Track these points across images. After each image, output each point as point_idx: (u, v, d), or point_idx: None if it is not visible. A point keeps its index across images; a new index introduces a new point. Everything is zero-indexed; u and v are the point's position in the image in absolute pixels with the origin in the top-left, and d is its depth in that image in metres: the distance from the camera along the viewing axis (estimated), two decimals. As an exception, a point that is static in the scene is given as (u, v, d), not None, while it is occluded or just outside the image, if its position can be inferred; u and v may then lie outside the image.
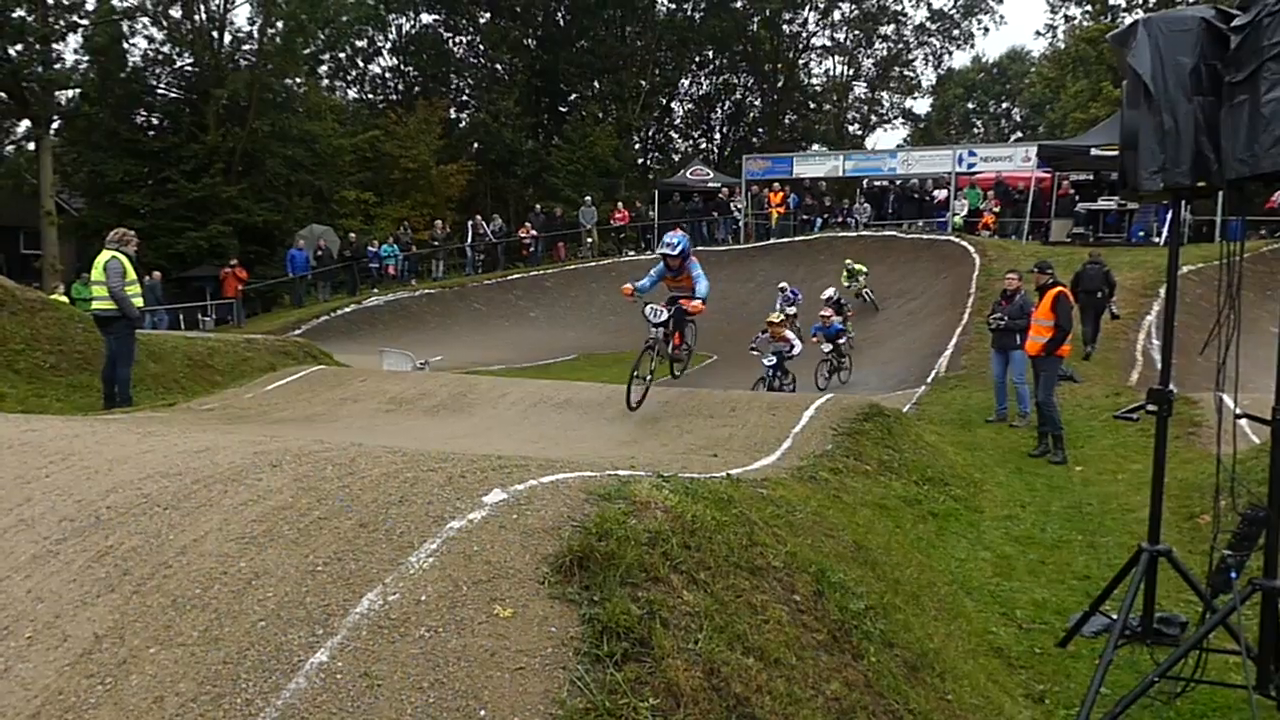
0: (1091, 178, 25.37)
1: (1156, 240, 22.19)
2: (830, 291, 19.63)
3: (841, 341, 16.55)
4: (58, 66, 29.65)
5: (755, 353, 13.80)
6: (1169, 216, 18.80)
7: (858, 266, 22.48)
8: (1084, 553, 6.67)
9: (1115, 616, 4.26)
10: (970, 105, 59.60)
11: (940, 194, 27.68)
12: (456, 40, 46.57)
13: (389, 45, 45.62)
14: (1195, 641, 3.93)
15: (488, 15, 45.20)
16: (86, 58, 31.82)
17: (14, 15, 27.61)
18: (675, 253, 8.54)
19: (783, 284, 21.46)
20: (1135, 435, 9.93)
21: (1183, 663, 3.93)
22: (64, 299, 15.41)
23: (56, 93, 29.79)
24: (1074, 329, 10.82)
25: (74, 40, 31.16)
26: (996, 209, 26.39)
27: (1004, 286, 11.45)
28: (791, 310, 20.26)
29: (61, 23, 29.22)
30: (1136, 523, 7.12)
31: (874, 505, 6.51)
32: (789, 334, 13.77)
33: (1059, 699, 4.41)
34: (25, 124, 30.00)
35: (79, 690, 2.36)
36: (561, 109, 46.66)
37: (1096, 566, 6.28)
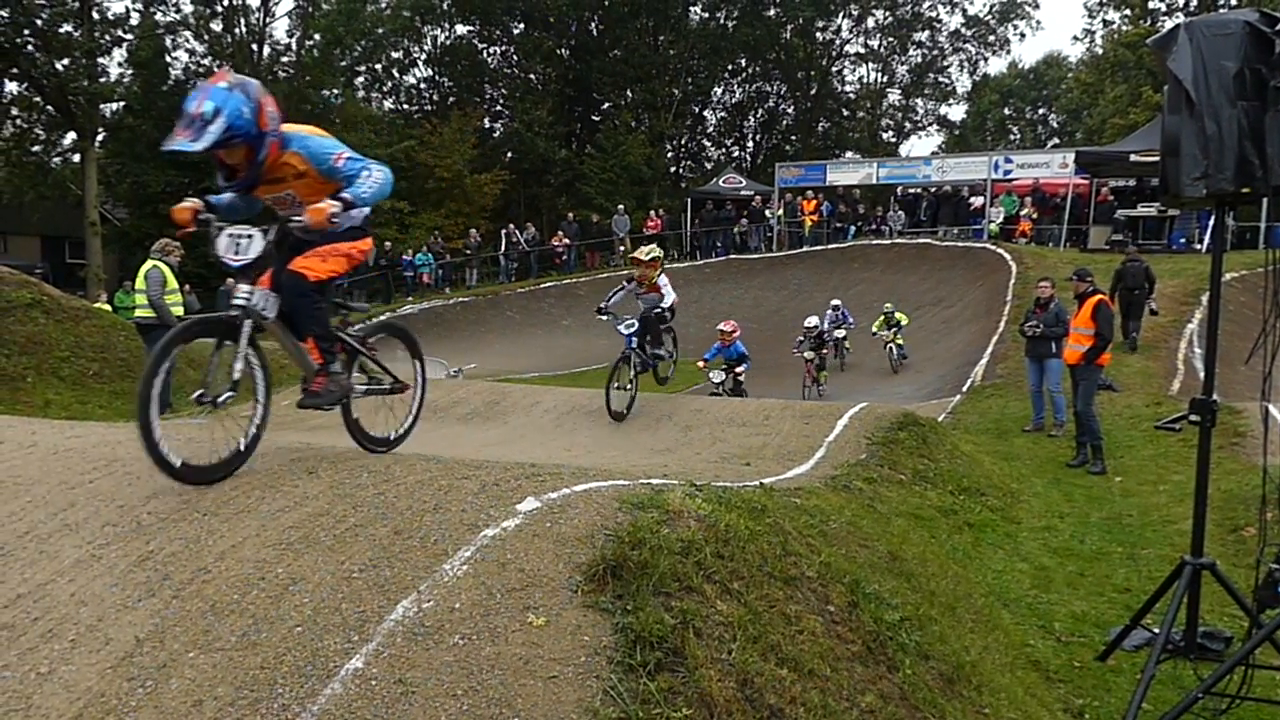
0: (1134, 184, 24.97)
1: (1198, 247, 21.79)
2: (813, 320, 17.53)
3: (741, 370, 12.85)
4: (103, 80, 30.37)
5: (606, 317, 9.08)
6: (1211, 223, 18.48)
7: (900, 316, 19.33)
8: (1124, 565, 6.56)
9: (1157, 630, 4.19)
10: (1006, 111, 58.99)
11: (976, 201, 27.41)
12: (490, 51, 47.04)
13: (424, 57, 46.16)
14: (1241, 657, 3.85)
15: (521, 26, 45.57)
16: (130, 71, 32.54)
17: (61, 30, 28.31)
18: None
19: (836, 301, 20.01)
20: (1177, 446, 9.75)
21: (1228, 679, 3.85)
22: (107, 307, 15.70)
23: (101, 105, 30.46)
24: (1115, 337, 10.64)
25: (118, 54, 31.91)
26: (1035, 216, 26.08)
27: (1037, 294, 11.33)
28: (840, 333, 19.42)
29: (107, 37, 29.95)
30: (1178, 535, 7.00)
31: (909, 515, 6.45)
32: (662, 282, 9.25)
33: (1099, 714, 4.33)
34: (71, 136, 30.68)
35: (120, 693, 2.40)
36: (594, 118, 46.89)
37: (1137, 579, 6.17)
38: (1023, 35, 70.09)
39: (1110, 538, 7.28)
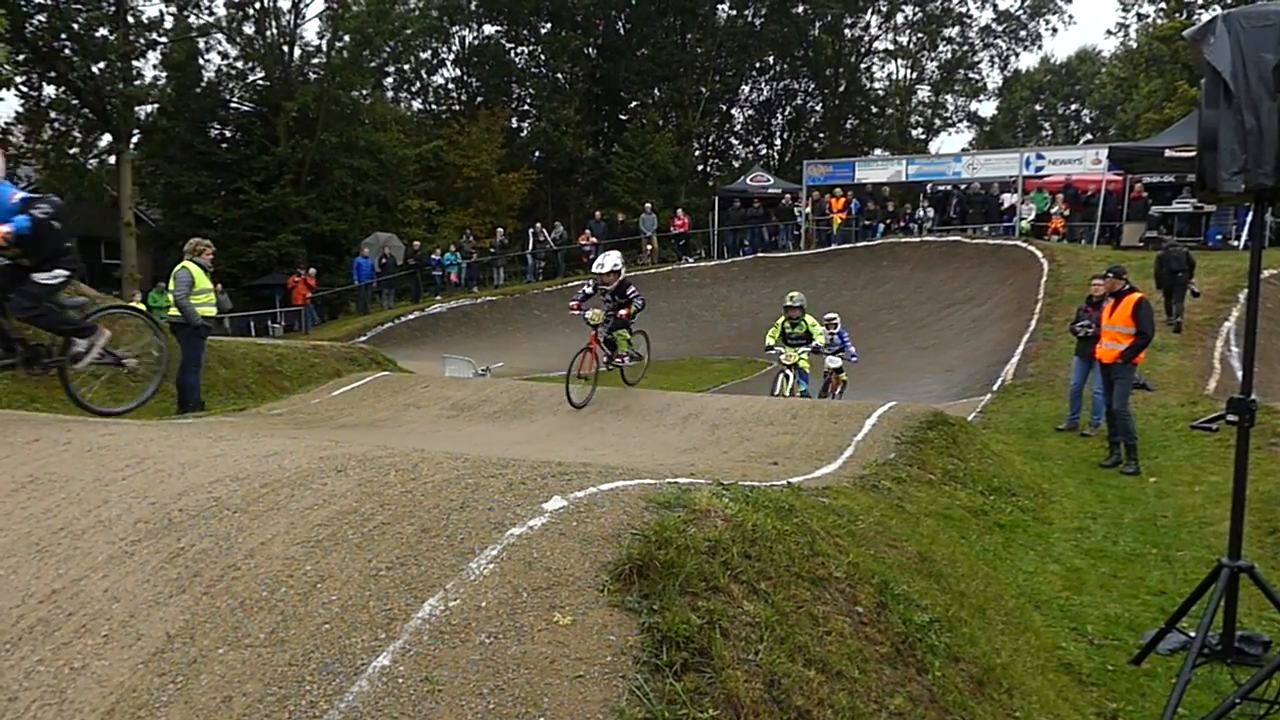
0: (1171, 179, 24.58)
1: (1235, 244, 21.42)
2: (614, 259, 9.85)
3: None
4: (138, 83, 30.79)
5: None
6: (1249, 219, 18.14)
7: (811, 323, 11.67)
8: (1159, 567, 6.46)
9: (1193, 634, 4.11)
10: (1038, 107, 58.28)
11: (1007, 198, 27.10)
12: (518, 50, 47.16)
13: (452, 57, 46.46)
14: (1280, 662, 3.77)
15: (549, 25, 45.68)
16: (164, 74, 33.02)
17: (97, 34, 28.75)
18: None
19: (831, 315, 13.44)
20: (1213, 446, 9.58)
21: (1266, 684, 3.78)
22: (141, 307, 15.91)
23: (136, 108, 30.89)
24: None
25: (153, 57, 32.37)
26: (1067, 213, 25.74)
27: (1089, 293, 11.18)
28: (835, 363, 12.95)
29: (142, 41, 30.36)
30: (1214, 536, 6.87)
31: (938, 515, 6.38)
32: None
33: (1133, 719, 4.26)
34: (107, 138, 31.15)
35: (151, 688, 2.42)
36: (621, 117, 46.89)
37: (1172, 581, 6.07)
38: (1055, 30, 68.88)
39: (1144, 539, 7.16)
